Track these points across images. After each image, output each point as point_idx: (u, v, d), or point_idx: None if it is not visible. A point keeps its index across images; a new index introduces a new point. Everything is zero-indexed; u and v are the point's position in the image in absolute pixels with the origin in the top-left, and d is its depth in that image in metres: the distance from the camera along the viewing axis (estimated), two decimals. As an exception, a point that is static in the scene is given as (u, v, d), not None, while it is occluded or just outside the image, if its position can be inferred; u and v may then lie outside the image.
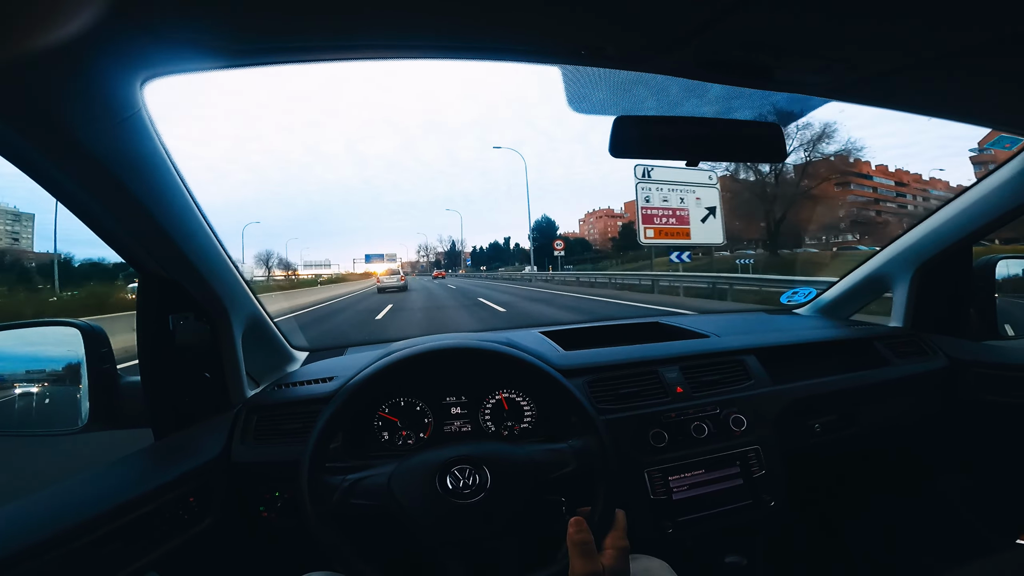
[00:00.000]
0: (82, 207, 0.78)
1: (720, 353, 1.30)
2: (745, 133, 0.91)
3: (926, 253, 1.47)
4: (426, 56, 0.73)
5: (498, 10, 0.63)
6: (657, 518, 1.06)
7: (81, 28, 0.52)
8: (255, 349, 1.21)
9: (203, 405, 1.06)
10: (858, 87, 0.83)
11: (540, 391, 1.14)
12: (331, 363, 1.30)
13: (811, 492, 1.50)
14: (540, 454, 0.88)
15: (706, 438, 1.12)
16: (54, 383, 1.02)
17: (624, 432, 1.09)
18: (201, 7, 0.57)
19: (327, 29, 0.65)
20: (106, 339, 1.00)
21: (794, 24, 0.67)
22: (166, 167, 0.81)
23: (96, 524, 0.73)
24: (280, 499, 1.00)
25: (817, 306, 1.82)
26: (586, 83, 0.94)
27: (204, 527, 0.89)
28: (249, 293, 1.13)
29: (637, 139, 0.91)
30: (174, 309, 1.01)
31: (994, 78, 0.80)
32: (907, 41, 0.70)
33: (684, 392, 1.18)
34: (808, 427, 1.26)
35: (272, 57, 0.72)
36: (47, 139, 0.63)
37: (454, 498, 0.81)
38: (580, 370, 1.18)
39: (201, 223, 0.93)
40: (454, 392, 1.15)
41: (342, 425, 0.92)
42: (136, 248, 0.89)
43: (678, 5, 0.63)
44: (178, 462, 0.91)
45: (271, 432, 1.04)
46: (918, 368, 1.40)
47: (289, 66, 0.75)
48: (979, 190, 1.31)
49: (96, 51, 0.57)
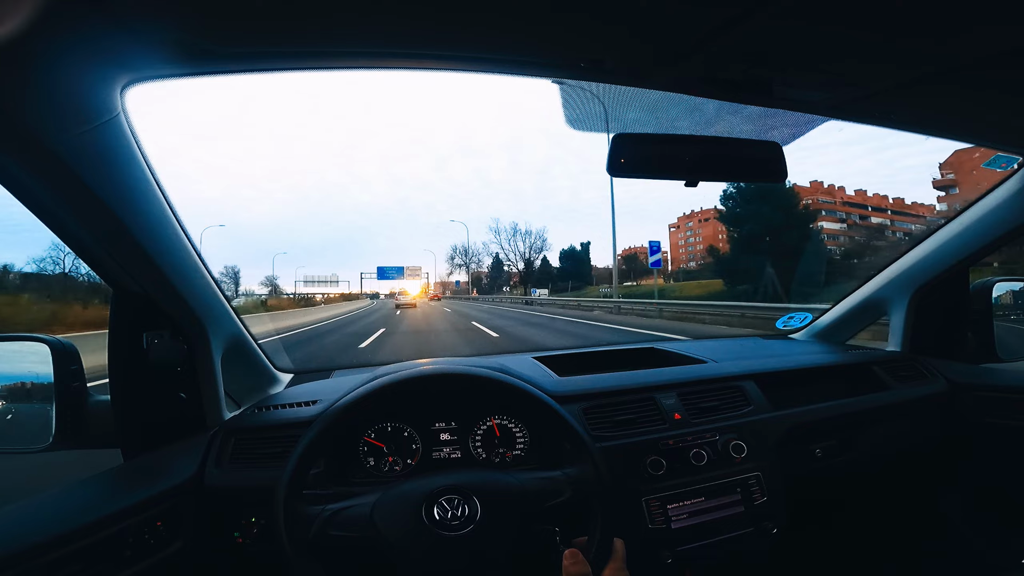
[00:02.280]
0: (49, 214, 0.74)
1: (718, 379, 1.27)
2: (745, 152, 0.90)
3: (923, 276, 1.47)
4: (420, 66, 0.71)
5: (497, 21, 0.62)
6: (655, 548, 1.02)
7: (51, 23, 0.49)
8: (236, 369, 1.16)
9: (177, 426, 1.01)
10: (858, 104, 0.83)
11: (534, 418, 1.10)
12: (316, 386, 1.26)
13: (812, 517, 1.46)
14: (533, 482, 0.84)
15: (705, 465, 1.08)
16: (20, 400, 0.98)
17: (621, 460, 1.05)
18: (186, 7, 0.55)
19: (318, 35, 0.64)
20: (77, 356, 0.96)
21: (796, 39, 0.67)
22: (144, 177, 0.77)
23: (53, 546, 0.69)
24: (256, 525, 0.95)
25: (813, 331, 1.81)
26: (584, 100, 0.94)
27: (172, 552, 0.84)
28: (230, 311, 1.09)
29: (636, 158, 0.89)
30: (149, 326, 0.97)
31: (994, 93, 0.79)
32: (907, 57, 0.70)
33: (682, 419, 1.15)
34: (809, 452, 1.24)
35: (263, 63, 0.70)
36: (10, 139, 0.60)
37: (441, 530, 0.76)
38: (575, 396, 1.14)
39: (180, 237, 0.89)
40: (443, 417, 1.11)
41: (323, 451, 0.87)
42: (108, 261, 0.85)
43: (680, 18, 0.62)
44: (145, 484, 0.86)
45: (248, 456, 0.99)
46: (918, 392, 1.39)
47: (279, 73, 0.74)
48: (975, 211, 1.31)
49: (69, 49, 0.54)
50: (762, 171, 0.93)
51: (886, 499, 1.56)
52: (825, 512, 1.52)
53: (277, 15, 0.58)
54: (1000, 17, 0.60)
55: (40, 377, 0.95)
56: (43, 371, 0.95)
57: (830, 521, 1.54)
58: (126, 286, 0.91)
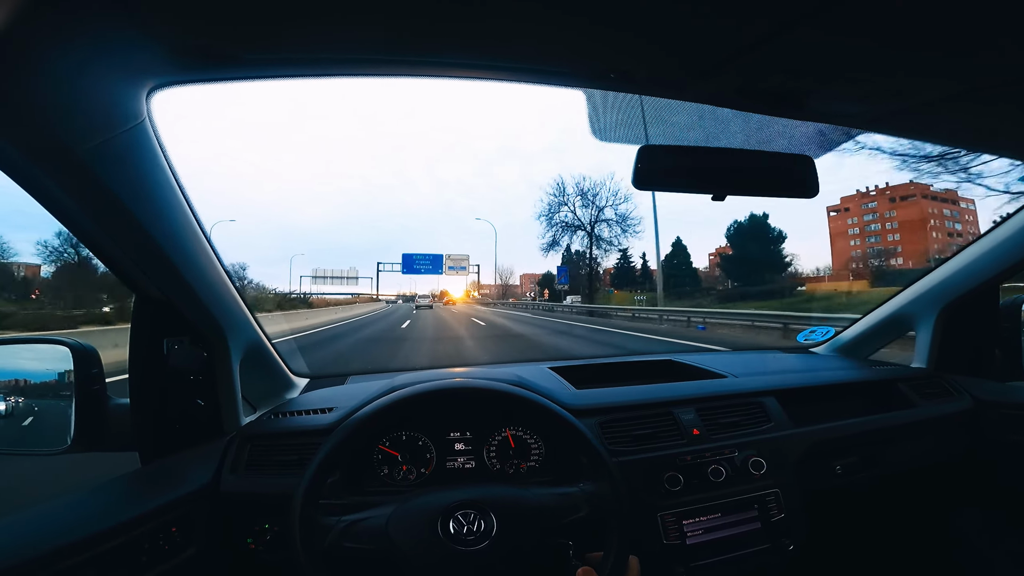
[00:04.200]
0: (74, 220, 0.73)
1: (738, 395, 1.25)
2: (776, 166, 0.88)
3: (952, 292, 1.44)
4: (450, 75, 0.70)
5: (527, 30, 0.60)
6: (670, 563, 1.00)
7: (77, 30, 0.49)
8: (254, 374, 1.16)
9: (194, 432, 1.01)
10: (897, 118, 0.80)
11: (550, 431, 1.09)
12: (332, 392, 1.25)
13: (830, 533, 1.43)
14: (550, 498, 0.83)
15: (723, 481, 1.06)
16: (41, 402, 0.98)
17: (637, 475, 1.03)
18: (211, 12, 0.54)
19: (344, 43, 0.63)
20: (98, 359, 0.96)
21: (834, 51, 0.64)
22: (168, 182, 0.77)
23: (69, 552, 0.69)
24: (269, 532, 0.95)
25: (835, 345, 1.77)
26: (610, 110, 0.92)
27: (186, 557, 0.84)
28: (250, 318, 1.09)
29: (662, 170, 0.88)
30: (170, 333, 0.97)
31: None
32: (950, 70, 0.67)
33: (701, 434, 1.13)
34: (829, 469, 1.22)
35: (288, 69, 0.69)
36: (37, 144, 0.59)
37: (456, 545, 0.76)
38: (592, 410, 1.13)
39: (203, 244, 0.89)
40: (459, 427, 1.10)
41: (340, 462, 0.87)
42: (131, 267, 0.85)
43: (714, 32, 0.60)
44: (162, 490, 0.86)
45: (265, 463, 0.99)
46: (943, 410, 1.36)
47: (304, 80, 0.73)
48: (1009, 227, 1.27)
49: (96, 55, 0.54)
50: (792, 186, 0.90)
51: (907, 517, 1.52)
52: (844, 529, 1.49)
53: (301, 22, 0.57)
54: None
55: (61, 379, 0.95)
56: (64, 374, 0.95)
57: (849, 538, 1.50)
58: (148, 292, 0.91)
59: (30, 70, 0.50)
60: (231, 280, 0.99)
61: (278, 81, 0.73)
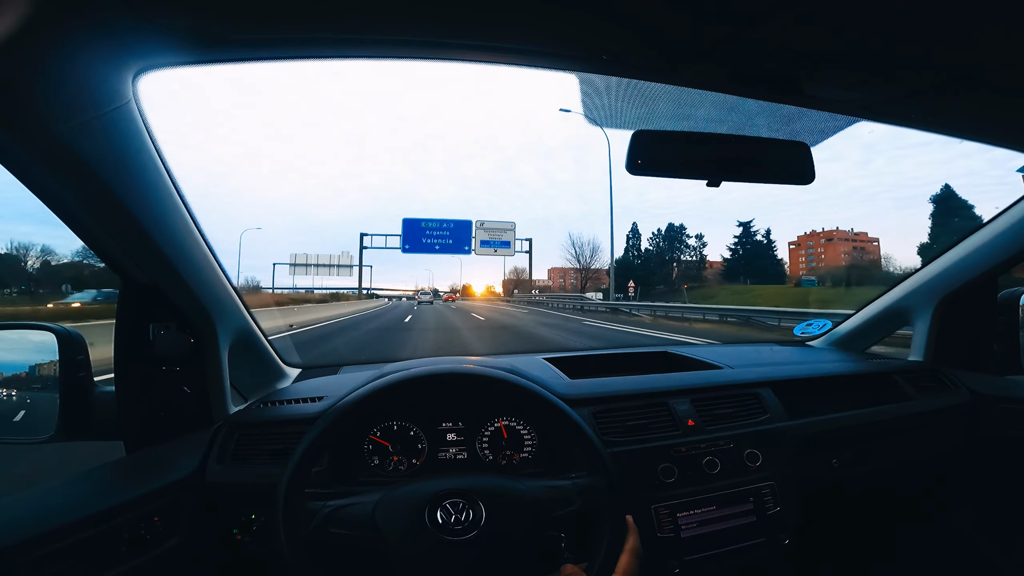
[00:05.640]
0: (57, 201, 0.72)
1: (734, 385, 1.24)
2: (771, 153, 0.87)
3: (949, 285, 1.43)
4: (438, 56, 0.69)
5: (517, 11, 0.59)
6: (664, 557, 0.99)
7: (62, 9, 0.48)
8: (244, 363, 1.15)
9: (182, 420, 0.99)
10: (893, 106, 0.79)
11: (543, 421, 1.08)
12: (322, 382, 1.24)
13: (825, 527, 1.43)
14: (541, 491, 0.82)
15: (718, 473, 1.05)
16: (24, 389, 0.97)
17: (631, 466, 1.02)
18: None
19: (332, 23, 0.62)
20: (84, 346, 0.95)
21: (830, 36, 0.63)
22: (154, 165, 0.76)
23: (44, 541, 0.68)
24: (256, 522, 0.93)
25: (831, 339, 1.76)
26: (603, 94, 0.90)
27: (169, 547, 0.83)
28: (240, 305, 1.07)
29: (656, 156, 0.86)
30: (156, 318, 0.96)
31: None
32: (949, 56, 0.66)
33: (696, 425, 1.12)
34: (825, 462, 1.21)
35: (277, 51, 0.68)
36: (19, 125, 0.58)
37: (444, 534, 0.75)
38: (586, 400, 1.11)
39: (190, 227, 0.87)
40: (450, 417, 1.09)
41: (327, 448, 0.86)
42: (116, 250, 0.84)
43: (709, 12, 0.59)
44: (145, 479, 0.85)
45: (252, 452, 0.97)
46: (940, 403, 1.35)
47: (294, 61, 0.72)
48: (1007, 219, 1.26)
49: (80, 35, 0.52)
50: (788, 173, 0.89)
51: (903, 510, 1.52)
52: (839, 523, 1.48)
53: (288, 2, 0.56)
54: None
55: (45, 365, 0.94)
56: (48, 361, 0.93)
57: (844, 532, 1.50)
58: (134, 277, 0.89)
59: (11, 46, 0.48)
60: (220, 266, 0.97)
61: (268, 64, 0.72)
